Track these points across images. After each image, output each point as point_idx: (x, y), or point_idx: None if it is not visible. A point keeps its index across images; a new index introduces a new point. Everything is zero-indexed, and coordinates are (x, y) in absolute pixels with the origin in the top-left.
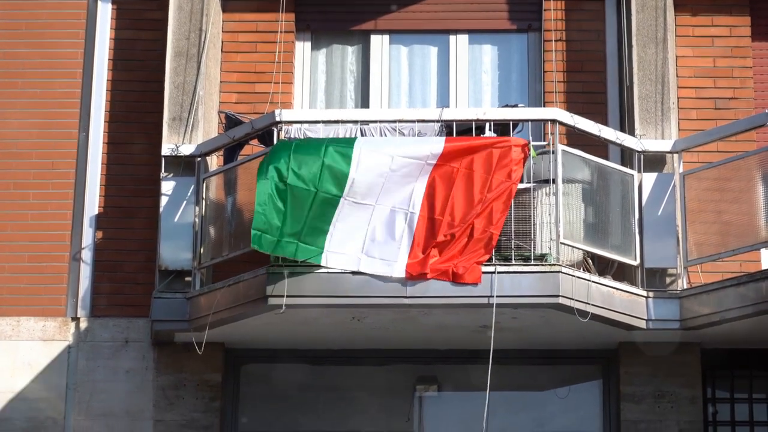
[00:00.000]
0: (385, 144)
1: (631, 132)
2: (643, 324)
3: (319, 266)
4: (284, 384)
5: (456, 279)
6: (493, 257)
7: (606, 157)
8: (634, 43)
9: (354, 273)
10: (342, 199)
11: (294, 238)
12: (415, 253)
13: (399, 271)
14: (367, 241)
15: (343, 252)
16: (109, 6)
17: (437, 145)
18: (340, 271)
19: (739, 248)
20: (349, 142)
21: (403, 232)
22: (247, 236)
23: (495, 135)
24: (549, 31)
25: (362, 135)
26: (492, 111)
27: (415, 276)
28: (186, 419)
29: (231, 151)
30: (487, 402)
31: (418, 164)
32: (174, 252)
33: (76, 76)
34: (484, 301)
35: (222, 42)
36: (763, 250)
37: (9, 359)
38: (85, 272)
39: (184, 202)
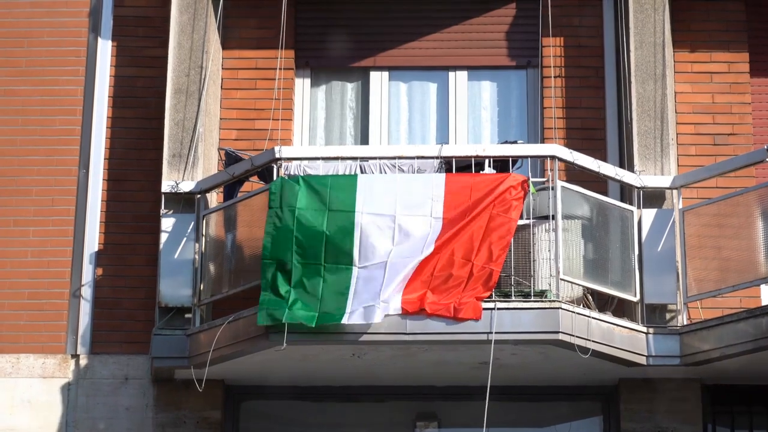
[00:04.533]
0: (386, 189)
1: (630, 168)
2: (643, 360)
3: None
4: (284, 421)
5: (456, 315)
6: (493, 294)
7: (605, 193)
8: (632, 79)
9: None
10: (356, 267)
11: (311, 309)
12: (412, 289)
13: (395, 308)
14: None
15: (365, 310)
16: (109, 43)
17: (438, 186)
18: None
19: (739, 284)
20: (350, 206)
21: (401, 269)
22: (247, 273)
23: (494, 171)
24: (548, 67)
25: (362, 171)
26: (491, 147)
27: (412, 312)
28: None
29: (231, 188)
30: None
31: (420, 206)
32: (174, 289)
33: (76, 113)
34: (484, 337)
35: (222, 79)
36: (762, 286)
37: (8, 396)
38: (85, 309)
39: (184, 238)
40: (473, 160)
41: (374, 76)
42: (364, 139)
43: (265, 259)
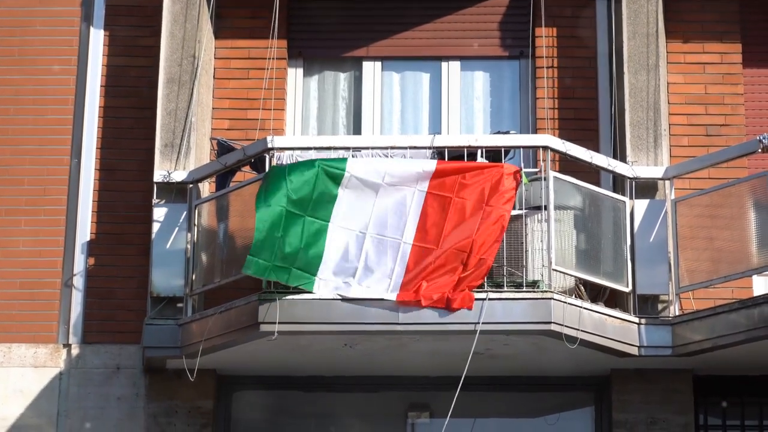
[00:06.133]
0: (375, 166)
1: (623, 158)
2: (635, 351)
3: (311, 292)
4: (276, 410)
5: (449, 305)
6: (485, 284)
7: (598, 184)
8: (625, 69)
9: (345, 299)
10: (330, 224)
11: (287, 264)
12: (407, 281)
13: (390, 295)
14: (360, 269)
15: (334, 279)
16: (102, 33)
17: (429, 167)
18: (332, 297)
19: (731, 275)
20: (341, 163)
21: (395, 259)
22: (239, 263)
23: (487, 162)
24: (541, 57)
25: None
26: (484, 138)
27: (407, 303)
28: None
29: (223, 178)
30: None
31: (410, 189)
32: (166, 279)
33: (68, 102)
34: (474, 327)
35: (214, 69)
36: (754, 277)
37: (0, 386)
38: (77, 299)
39: (176, 228)
40: (466, 150)
41: (367, 66)
42: (356, 129)
43: (258, 233)
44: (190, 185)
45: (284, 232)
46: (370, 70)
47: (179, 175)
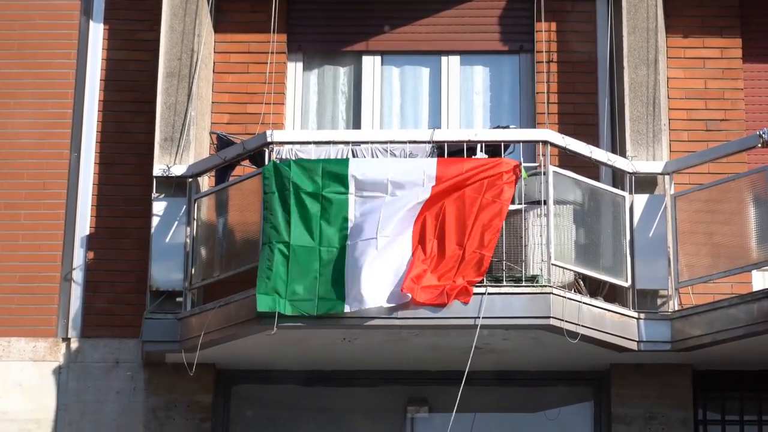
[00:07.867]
0: (377, 174)
1: (623, 153)
2: (634, 345)
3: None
4: (275, 405)
5: (446, 299)
6: (484, 278)
7: (597, 179)
8: (625, 64)
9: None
10: (347, 245)
11: (310, 296)
12: (409, 280)
13: (393, 297)
14: (371, 277)
15: (363, 294)
16: (101, 27)
17: (429, 166)
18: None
19: (730, 270)
20: (342, 186)
21: (401, 262)
22: (238, 257)
23: (486, 156)
24: (541, 52)
25: (353, 156)
26: (483, 132)
27: (406, 302)
28: None
29: (222, 172)
30: (450, 422)
31: (413, 192)
32: (165, 273)
33: (67, 96)
34: (474, 322)
35: (214, 63)
36: (754, 272)
37: (0, 380)
38: (76, 293)
39: (176, 222)
40: (465, 144)
41: (366, 60)
42: (356, 123)
43: (264, 245)
44: (190, 179)
45: (295, 264)
46: (370, 64)
47: (179, 169)
